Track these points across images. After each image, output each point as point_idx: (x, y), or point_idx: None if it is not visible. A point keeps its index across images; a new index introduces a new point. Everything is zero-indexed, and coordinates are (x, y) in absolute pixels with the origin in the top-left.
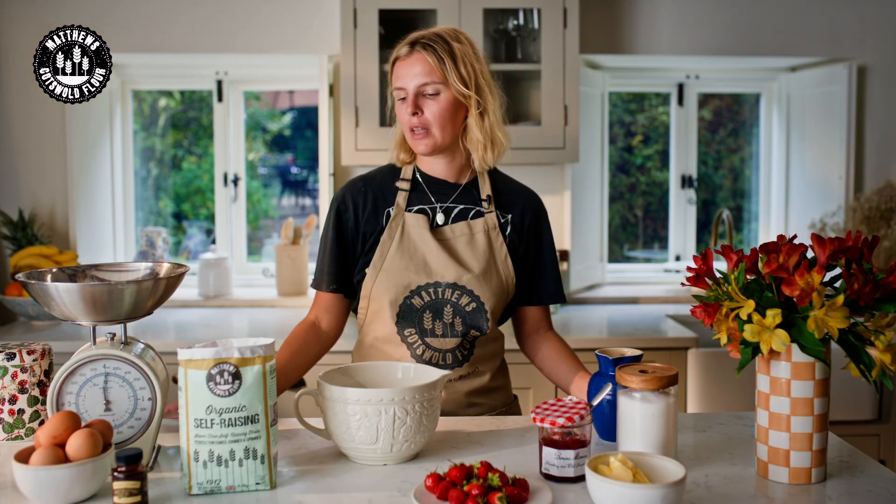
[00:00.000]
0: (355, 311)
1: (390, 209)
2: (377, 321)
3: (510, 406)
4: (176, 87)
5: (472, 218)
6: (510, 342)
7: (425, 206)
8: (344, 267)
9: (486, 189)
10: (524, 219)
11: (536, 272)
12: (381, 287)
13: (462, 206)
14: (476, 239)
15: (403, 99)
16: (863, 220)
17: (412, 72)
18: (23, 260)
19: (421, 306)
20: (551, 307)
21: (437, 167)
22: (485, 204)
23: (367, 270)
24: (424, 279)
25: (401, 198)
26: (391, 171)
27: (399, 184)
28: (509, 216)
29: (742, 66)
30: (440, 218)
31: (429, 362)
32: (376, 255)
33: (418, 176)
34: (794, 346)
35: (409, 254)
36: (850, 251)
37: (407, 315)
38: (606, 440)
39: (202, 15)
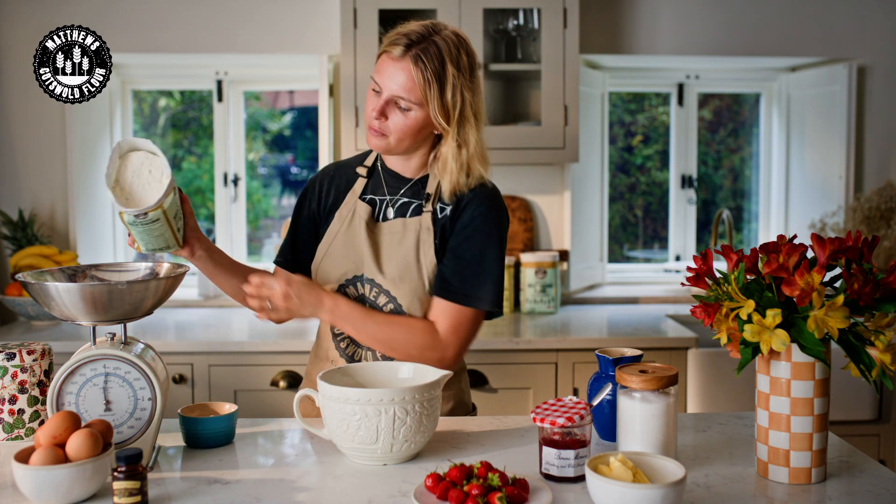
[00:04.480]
0: None
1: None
2: None
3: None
4: (176, 87)
5: (410, 215)
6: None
7: (376, 197)
8: (294, 245)
9: (432, 186)
10: (461, 209)
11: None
12: (322, 272)
13: (406, 200)
14: (406, 239)
15: (377, 92)
16: (863, 220)
17: (394, 78)
18: (23, 260)
19: (354, 298)
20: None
21: (393, 161)
22: (424, 202)
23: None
24: (355, 270)
25: (358, 185)
26: (362, 157)
27: (359, 170)
28: (449, 207)
29: (742, 66)
30: (390, 212)
31: (351, 357)
32: (324, 239)
33: (378, 165)
34: (794, 346)
35: (351, 242)
36: (850, 251)
37: None
38: (606, 440)
39: (202, 15)
